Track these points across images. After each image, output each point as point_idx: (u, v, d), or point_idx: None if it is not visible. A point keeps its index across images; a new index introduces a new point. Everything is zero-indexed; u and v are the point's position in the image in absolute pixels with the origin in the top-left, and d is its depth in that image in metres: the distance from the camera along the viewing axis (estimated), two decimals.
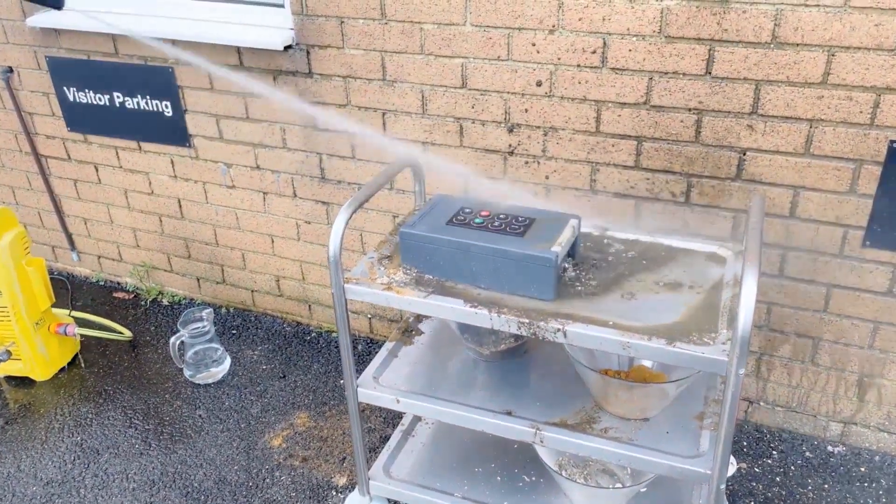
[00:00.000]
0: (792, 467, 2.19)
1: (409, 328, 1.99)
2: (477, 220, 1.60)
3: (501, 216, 1.62)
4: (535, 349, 1.87)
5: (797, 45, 1.78)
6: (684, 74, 1.90)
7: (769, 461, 2.21)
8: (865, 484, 2.13)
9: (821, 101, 1.83)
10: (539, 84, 2.05)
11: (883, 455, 2.22)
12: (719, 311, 1.49)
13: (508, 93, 2.10)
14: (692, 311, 1.48)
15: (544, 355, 1.85)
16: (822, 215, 1.96)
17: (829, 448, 2.25)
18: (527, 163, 2.18)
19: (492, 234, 1.54)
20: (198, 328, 2.60)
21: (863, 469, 2.18)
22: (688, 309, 1.49)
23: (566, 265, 1.62)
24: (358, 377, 1.75)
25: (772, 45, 1.80)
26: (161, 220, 2.94)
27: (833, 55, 1.77)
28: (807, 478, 2.15)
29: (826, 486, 2.12)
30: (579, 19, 1.94)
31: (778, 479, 2.15)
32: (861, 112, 1.80)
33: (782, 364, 2.21)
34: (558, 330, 1.44)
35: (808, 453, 2.23)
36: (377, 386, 1.75)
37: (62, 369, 2.71)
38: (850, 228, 1.95)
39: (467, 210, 1.65)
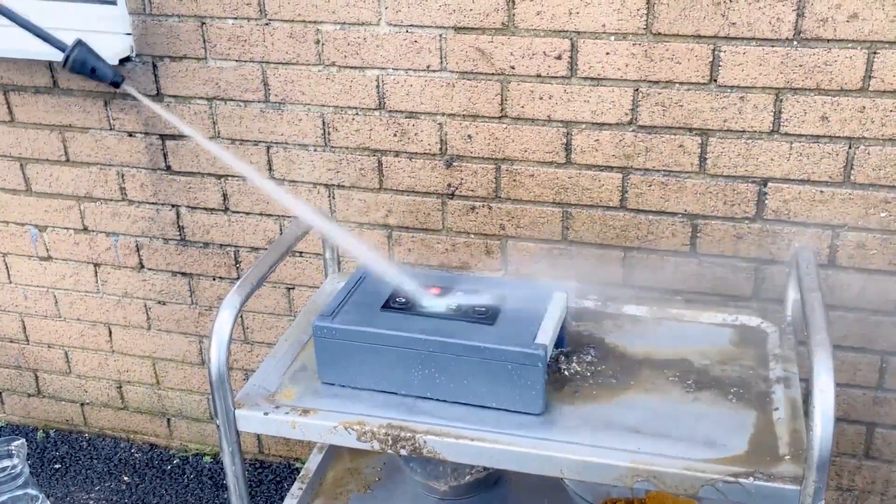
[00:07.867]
0: None
1: (326, 458, 1.93)
2: None
3: (459, 294, 1.60)
4: (512, 476, 1.85)
5: (828, 40, 1.83)
6: (682, 84, 1.94)
7: None
8: None
9: (862, 113, 1.87)
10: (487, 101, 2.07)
11: None
12: (772, 415, 1.48)
13: (444, 114, 2.11)
14: (736, 418, 1.48)
15: (525, 484, 1.83)
16: (869, 262, 2.00)
17: None
18: (474, 208, 2.19)
19: (448, 324, 1.52)
20: (4, 470, 2.39)
21: None
22: (731, 414, 1.49)
23: (555, 359, 1.61)
24: None
25: (795, 42, 1.85)
26: None
27: (875, 53, 1.81)
28: None
29: None
30: (537, 13, 1.96)
31: None
32: None
33: None
34: (552, 460, 1.40)
35: None
36: None
37: None
38: None
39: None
